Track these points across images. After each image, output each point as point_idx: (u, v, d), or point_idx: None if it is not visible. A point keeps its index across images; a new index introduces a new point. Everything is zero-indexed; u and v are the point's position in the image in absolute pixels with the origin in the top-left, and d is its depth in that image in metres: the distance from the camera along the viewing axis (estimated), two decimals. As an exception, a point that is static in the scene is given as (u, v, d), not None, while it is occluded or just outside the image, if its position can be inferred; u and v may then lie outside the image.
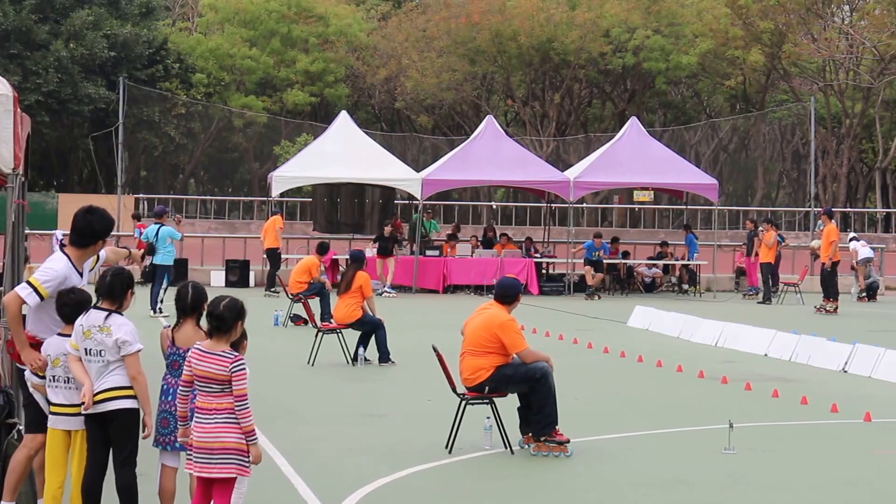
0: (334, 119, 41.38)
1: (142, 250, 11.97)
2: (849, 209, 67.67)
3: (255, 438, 8.57)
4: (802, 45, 65.41)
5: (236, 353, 8.60)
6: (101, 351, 8.98)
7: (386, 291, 35.11)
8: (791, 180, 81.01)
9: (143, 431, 9.10)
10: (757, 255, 35.85)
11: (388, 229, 36.42)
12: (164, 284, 27.41)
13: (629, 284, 38.45)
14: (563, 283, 37.70)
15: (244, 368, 8.54)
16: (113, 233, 42.06)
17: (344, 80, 73.91)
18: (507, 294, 12.92)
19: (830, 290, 31.05)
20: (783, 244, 39.15)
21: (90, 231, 9.54)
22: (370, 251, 35.59)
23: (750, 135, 75.27)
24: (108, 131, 51.49)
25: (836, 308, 30.83)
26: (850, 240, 39.05)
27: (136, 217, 40.06)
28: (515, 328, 12.74)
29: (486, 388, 12.68)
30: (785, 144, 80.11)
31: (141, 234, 33.58)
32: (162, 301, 27.08)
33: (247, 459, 8.54)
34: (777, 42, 66.88)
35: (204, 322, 8.94)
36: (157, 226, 28.33)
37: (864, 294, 37.03)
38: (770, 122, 76.01)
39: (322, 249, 26.50)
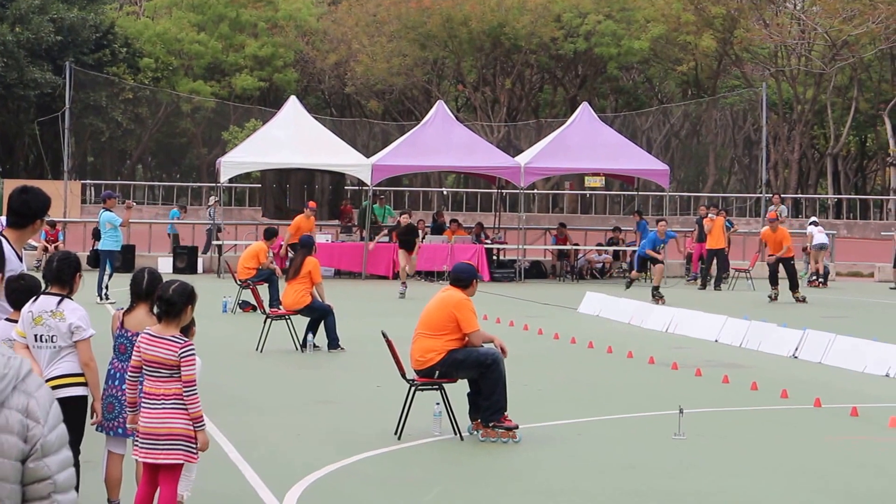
0: (283, 104, 41.23)
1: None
2: (800, 195, 67.99)
3: (203, 425, 8.52)
4: (754, 30, 65.63)
5: (186, 339, 8.54)
6: (52, 337, 8.88)
7: (402, 290, 31.01)
8: (743, 166, 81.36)
9: (92, 417, 9.04)
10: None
11: (405, 219, 34.10)
12: (109, 270, 27.15)
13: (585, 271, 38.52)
14: (514, 270, 37.68)
15: (193, 354, 8.48)
16: (59, 218, 41.54)
17: (293, 65, 73.57)
18: (463, 278, 12.90)
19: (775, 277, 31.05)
20: (732, 230, 39.28)
21: (27, 210, 9.36)
22: (320, 237, 35.40)
23: (702, 121, 75.50)
24: (54, 116, 51.11)
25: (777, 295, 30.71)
26: (810, 224, 39.28)
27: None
28: (471, 308, 12.74)
29: (437, 372, 12.63)
30: (737, 130, 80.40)
31: None
32: (107, 287, 26.83)
33: (194, 446, 8.49)
34: (729, 27, 67.07)
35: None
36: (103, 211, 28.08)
37: (815, 278, 37.14)
38: (722, 108, 76.27)
39: (269, 235, 26.32)
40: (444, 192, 63.62)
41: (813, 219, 41.47)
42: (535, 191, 61.11)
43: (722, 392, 16.27)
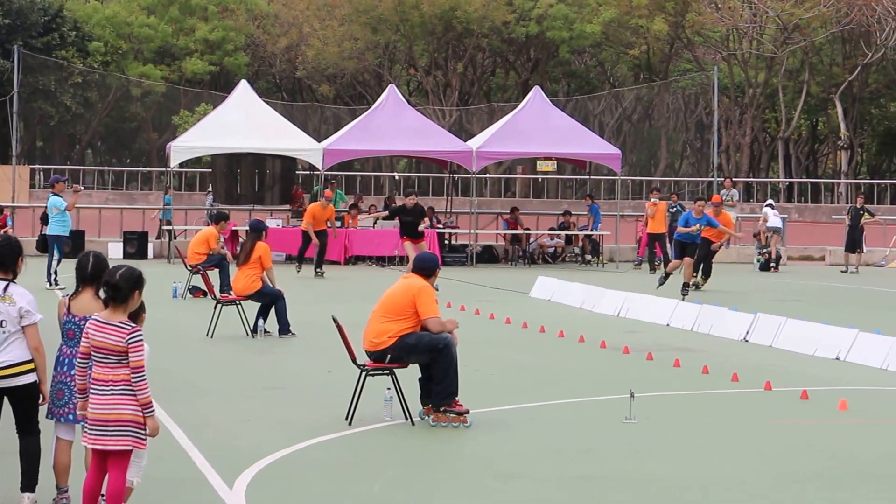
0: (234, 88, 41.01)
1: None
2: (752, 179, 68.28)
3: (152, 411, 8.50)
4: (706, 13, 65.79)
5: (134, 325, 8.49)
6: (2, 322, 8.85)
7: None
8: (694, 150, 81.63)
9: (41, 401, 9.03)
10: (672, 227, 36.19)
11: (410, 201, 28.93)
12: (57, 255, 26.93)
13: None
14: (466, 254, 37.66)
15: (141, 340, 8.44)
16: (8, 203, 41.09)
17: (244, 49, 73.21)
18: (426, 267, 12.96)
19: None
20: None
21: None
22: (271, 222, 35.24)
23: (654, 104, 75.68)
24: (2, 101, 50.60)
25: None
26: (766, 206, 39.47)
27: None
28: (432, 295, 12.78)
29: (388, 356, 12.60)
30: (688, 114, 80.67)
31: None
32: (56, 273, 26.62)
33: (143, 432, 8.47)
34: (681, 11, 67.21)
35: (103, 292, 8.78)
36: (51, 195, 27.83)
37: (764, 253, 37.25)
38: (674, 92, 76.50)
39: (219, 219, 26.15)
40: (396, 177, 63.47)
41: (769, 201, 41.63)
42: (487, 175, 61.11)
43: (673, 376, 16.31)
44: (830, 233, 44.97)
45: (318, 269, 32.34)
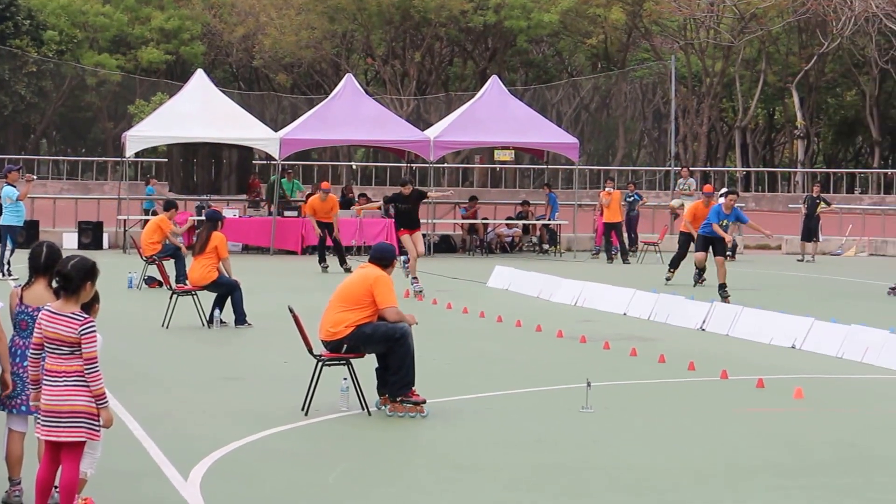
0: (190, 78, 40.79)
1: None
2: (709, 168, 68.43)
3: (106, 402, 8.45)
4: (663, 3, 65.85)
5: (86, 315, 8.43)
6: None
7: (416, 288, 24.71)
8: (652, 139, 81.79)
9: (4, 390, 8.96)
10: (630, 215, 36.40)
11: (407, 189, 25.55)
12: (11, 246, 26.74)
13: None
14: (424, 244, 37.56)
15: (94, 331, 8.37)
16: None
17: (200, 38, 72.78)
18: (383, 257, 12.94)
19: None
20: (641, 202, 39.54)
21: None
22: (228, 212, 35.08)
23: (611, 94, 75.77)
24: (-44, 90, 50.13)
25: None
26: (721, 195, 39.30)
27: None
28: (390, 285, 12.77)
29: (345, 346, 12.56)
30: (646, 103, 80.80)
31: None
32: (9, 263, 26.43)
33: (97, 423, 8.42)
34: (638, 0, 67.30)
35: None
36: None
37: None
38: (631, 81, 76.58)
39: (168, 206, 26.02)
40: (354, 167, 63.27)
41: (724, 190, 41.51)
42: (445, 164, 61.01)
43: (630, 365, 16.33)
44: (787, 222, 45.15)
45: (343, 265, 29.76)
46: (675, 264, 28.18)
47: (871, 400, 14.18)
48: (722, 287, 23.92)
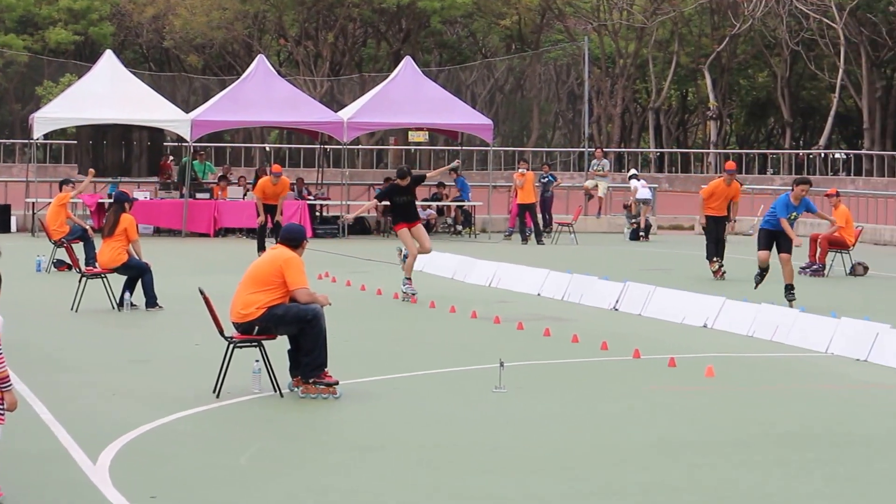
0: (99, 59, 40.29)
1: None
2: (623, 149, 68.83)
3: (10, 385, 8.37)
4: (577, -17, 66.12)
5: (-14, 299, 8.28)
6: None
7: (409, 290, 21.15)
8: (566, 121, 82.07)
9: None
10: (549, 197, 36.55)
11: (406, 181, 21.46)
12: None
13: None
14: (338, 226, 37.42)
15: (-4, 315, 8.26)
16: None
17: (109, 19, 71.96)
18: (293, 238, 12.82)
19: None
20: (555, 183, 39.63)
21: None
22: (139, 194, 34.69)
23: (525, 75, 75.92)
24: None
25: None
26: (630, 178, 39.45)
27: None
28: (300, 266, 12.66)
29: (256, 328, 12.46)
30: (560, 85, 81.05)
31: None
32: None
33: (0, 407, 8.35)
34: (551, -19, 67.47)
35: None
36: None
37: (634, 222, 37.43)
38: (545, 63, 76.79)
39: (64, 183, 25.77)
40: (267, 149, 62.91)
41: (633, 171, 41.65)
42: (359, 146, 60.85)
43: (543, 345, 16.36)
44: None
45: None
46: (717, 254, 25.91)
47: (778, 378, 14.30)
48: (788, 289, 20.06)
